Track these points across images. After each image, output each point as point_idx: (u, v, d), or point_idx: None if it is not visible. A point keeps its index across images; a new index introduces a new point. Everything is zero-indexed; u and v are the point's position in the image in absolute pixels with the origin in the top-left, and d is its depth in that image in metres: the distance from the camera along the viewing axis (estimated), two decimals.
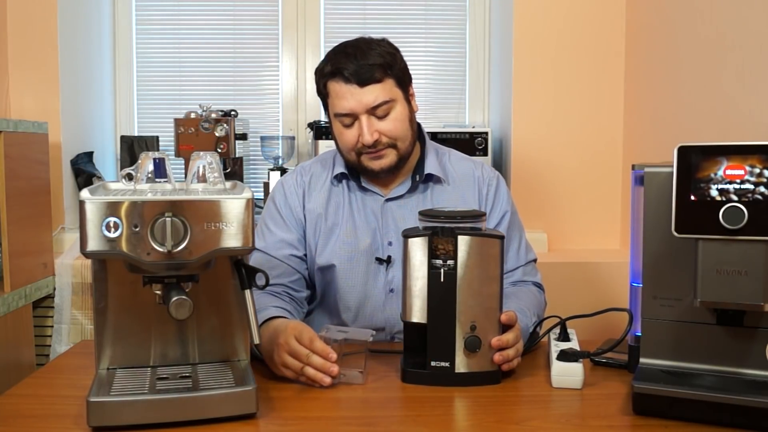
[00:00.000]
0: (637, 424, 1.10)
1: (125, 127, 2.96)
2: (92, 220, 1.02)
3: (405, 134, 1.53)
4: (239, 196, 1.07)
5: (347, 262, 1.55)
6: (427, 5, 2.96)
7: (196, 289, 1.14)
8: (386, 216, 1.57)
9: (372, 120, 1.49)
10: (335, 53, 1.51)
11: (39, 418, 1.13)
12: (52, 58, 2.50)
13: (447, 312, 1.25)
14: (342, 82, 1.48)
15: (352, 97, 1.48)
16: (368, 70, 1.47)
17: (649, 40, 2.39)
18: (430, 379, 1.26)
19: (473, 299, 1.25)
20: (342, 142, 1.54)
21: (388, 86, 1.49)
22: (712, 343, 1.16)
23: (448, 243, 1.25)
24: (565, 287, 2.21)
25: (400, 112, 1.51)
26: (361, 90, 1.47)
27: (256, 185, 2.88)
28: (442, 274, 1.25)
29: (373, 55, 1.48)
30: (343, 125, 1.52)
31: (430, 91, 2.98)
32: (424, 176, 1.58)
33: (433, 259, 1.26)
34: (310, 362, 1.23)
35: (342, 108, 1.49)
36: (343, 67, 1.47)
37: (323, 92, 1.54)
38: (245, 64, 2.96)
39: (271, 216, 1.61)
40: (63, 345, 2.33)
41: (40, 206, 2.30)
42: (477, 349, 1.25)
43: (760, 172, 1.05)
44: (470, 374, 1.26)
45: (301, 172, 1.64)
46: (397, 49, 1.55)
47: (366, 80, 1.47)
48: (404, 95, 1.54)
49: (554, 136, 2.60)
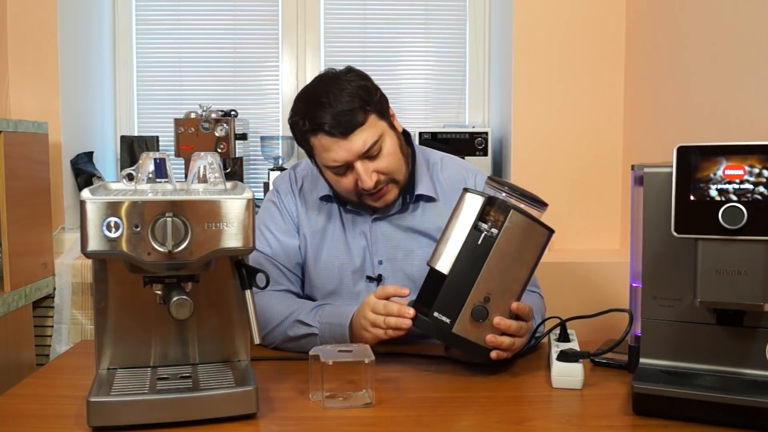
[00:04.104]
0: (637, 424, 1.10)
1: (125, 127, 2.96)
2: (93, 220, 1.02)
3: (400, 165, 1.49)
4: (240, 197, 1.07)
5: (338, 281, 1.54)
6: (427, 5, 2.96)
7: (197, 289, 1.14)
8: (375, 235, 1.54)
9: (366, 163, 1.43)
10: (306, 105, 1.44)
11: (39, 418, 1.13)
12: (52, 58, 2.50)
13: (469, 273, 1.25)
14: (325, 136, 1.41)
15: (340, 149, 1.41)
16: (348, 117, 1.40)
17: (649, 40, 2.39)
18: (427, 327, 1.27)
19: (498, 274, 1.26)
20: (340, 188, 1.49)
21: (372, 124, 1.43)
22: (712, 343, 1.16)
23: (501, 213, 1.26)
24: (565, 287, 2.21)
25: (390, 144, 1.46)
26: (347, 140, 1.41)
27: (256, 185, 2.88)
28: (481, 238, 1.26)
29: (347, 96, 1.41)
30: (338, 174, 1.46)
31: (430, 91, 2.98)
32: (415, 197, 1.55)
33: (480, 221, 1.27)
34: (389, 311, 1.30)
35: (333, 161, 1.43)
36: (322, 121, 1.40)
37: (306, 145, 1.48)
38: (245, 64, 2.96)
39: (274, 220, 1.59)
40: (63, 345, 2.33)
41: (40, 206, 2.30)
42: (481, 319, 1.25)
43: (760, 172, 1.05)
44: (464, 340, 1.26)
45: (292, 178, 1.62)
46: (366, 77, 1.48)
47: (349, 129, 1.40)
48: (388, 124, 1.48)
49: (554, 136, 2.60)
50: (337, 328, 1.39)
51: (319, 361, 1.17)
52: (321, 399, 1.17)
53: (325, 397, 1.17)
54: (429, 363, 1.38)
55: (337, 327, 1.39)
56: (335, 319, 1.41)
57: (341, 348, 1.22)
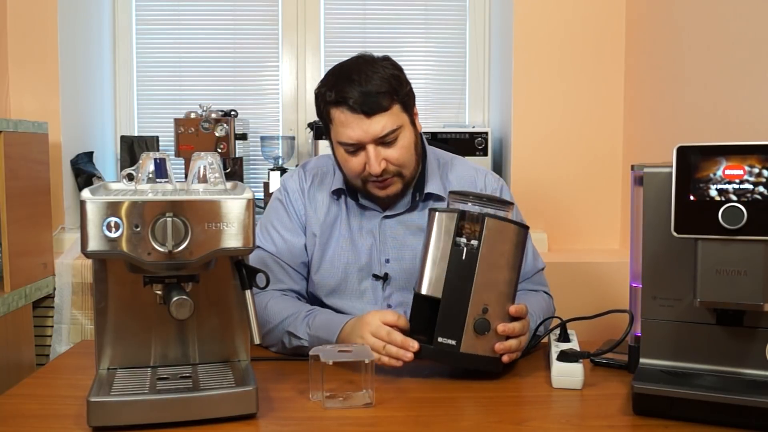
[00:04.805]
0: (637, 424, 1.10)
1: (125, 127, 2.96)
2: (93, 220, 1.02)
3: (410, 161, 1.49)
4: (240, 197, 1.07)
5: (343, 279, 1.54)
6: (427, 5, 2.96)
7: (197, 289, 1.14)
8: (384, 233, 1.54)
9: (379, 149, 1.43)
10: (337, 78, 1.44)
11: (39, 418, 1.13)
12: (52, 58, 2.50)
13: (463, 290, 1.26)
14: (347, 111, 1.41)
15: (358, 127, 1.41)
16: (374, 98, 1.40)
17: (648, 41, 2.39)
18: (435, 355, 1.26)
19: (490, 282, 1.26)
20: (347, 168, 1.49)
21: (394, 113, 1.43)
22: (712, 343, 1.17)
23: (475, 223, 1.26)
24: (565, 287, 2.20)
25: (407, 138, 1.46)
26: (368, 120, 1.41)
27: (256, 185, 2.88)
28: (465, 252, 1.26)
29: (378, 80, 1.41)
30: (348, 152, 1.46)
31: (430, 91, 2.98)
32: (424, 195, 1.55)
33: (457, 236, 1.27)
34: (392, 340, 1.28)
35: (348, 138, 1.43)
36: (348, 96, 1.40)
37: (325, 117, 1.48)
38: (245, 64, 2.97)
39: (280, 219, 1.58)
40: (63, 345, 2.33)
41: (40, 206, 2.30)
42: (485, 331, 1.26)
43: (759, 172, 1.06)
44: (474, 356, 1.26)
45: (301, 177, 1.61)
46: (400, 69, 1.49)
47: (373, 110, 1.40)
48: (410, 119, 1.48)
49: (554, 135, 2.60)
50: (324, 343, 1.36)
51: (319, 361, 1.17)
52: (321, 399, 1.17)
53: (325, 397, 1.17)
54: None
55: (325, 341, 1.37)
56: (323, 332, 1.39)
57: (341, 348, 1.22)
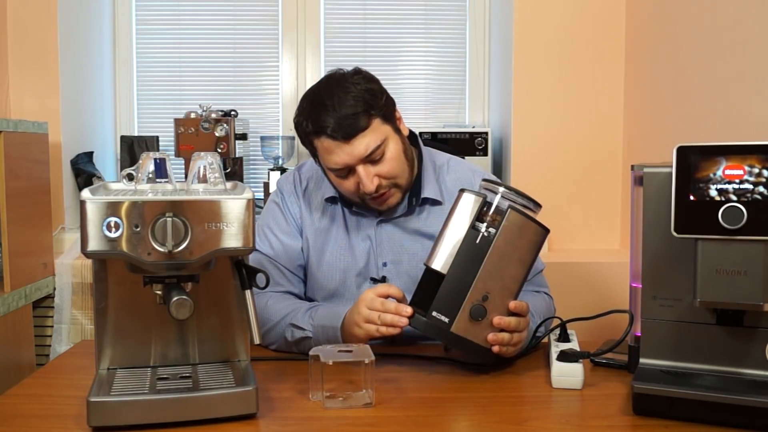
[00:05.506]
0: (637, 424, 1.10)
1: (125, 127, 2.96)
2: (93, 220, 1.02)
3: (403, 169, 1.48)
4: (240, 197, 1.07)
5: (341, 283, 1.54)
6: (427, 5, 2.96)
7: (197, 289, 1.14)
8: (380, 236, 1.54)
9: (368, 167, 1.43)
10: (311, 106, 1.43)
11: (39, 418, 1.13)
12: (52, 58, 2.50)
13: (468, 272, 1.26)
14: (328, 139, 1.40)
15: (342, 152, 1.41)
16: (351, 121, 1.39)
17: (649, 41, 2.39)
18: (425, 327, 1.27)
19: (497, 273, 1.27)
20: (342, 190, 1.49)
21: (375, 128, 1.42)
22: (712, 343, 1.17)
23: (498, 213, 1.28)
24: (564, 287, 2.20)
25: (394, 148, 1.45)
26: (350, 144, 1.40)
27: (256, 185, 2.88)
28: (480, 237, 1.26)
29: (351, 100, 1.39)
30: (340, 176, 1.46)
31: (430, 91, 2.98)
32: (421, 200, 1.54)
33: (478, 221, 1.28)
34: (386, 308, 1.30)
35: (335, 164, 1.43)
36: (325, 125, 1.39)
37: (309, 146, 1.48)
38: (245, 64, 2.97)
39: (276, 221, 1.58)
40: (63, 345, 2.33)
41: (40, 206, 2.30)
42: (480, 318, 1.26)
43: (759, 172, 1.06)
44: (463, 339, 1.26)
45: (297, 179, 1.61)
46: (373, 79, 1.46)
47: (352, 133, 1.39)
48: (393, 128, 1.47)
49: (554, 136, 2.60)
50: (329, 330, 1.39)
51: (319, 361, 1.16)
52: (321, 399, 1.17)
53: (325, 397, 1.17)
54: (429, 363, 1.38)
55: (330, 329, 1.39)
56: (327, 321, 1.40)
57: (341, 348, 1.22)
